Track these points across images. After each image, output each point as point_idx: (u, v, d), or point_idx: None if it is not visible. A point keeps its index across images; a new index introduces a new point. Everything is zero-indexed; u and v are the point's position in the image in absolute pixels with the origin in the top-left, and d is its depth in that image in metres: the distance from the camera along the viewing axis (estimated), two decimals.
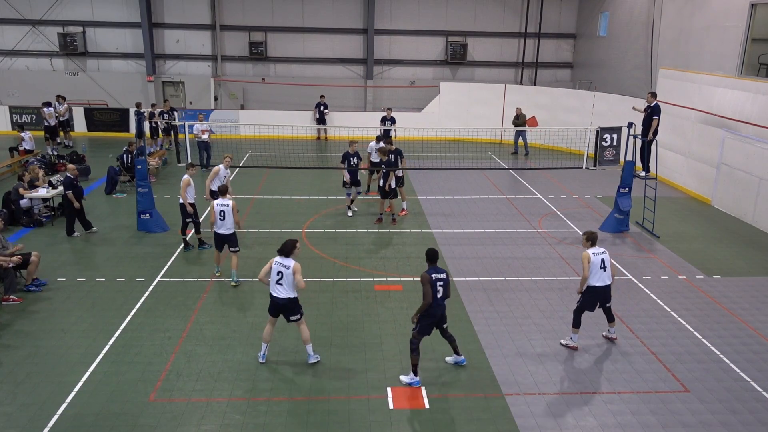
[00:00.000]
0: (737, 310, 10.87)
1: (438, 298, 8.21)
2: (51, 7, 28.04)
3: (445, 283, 8.26)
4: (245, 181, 18.93)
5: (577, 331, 9.41)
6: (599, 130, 14.80)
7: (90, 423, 7.52)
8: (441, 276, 8.23)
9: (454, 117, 26.06)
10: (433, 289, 8.15)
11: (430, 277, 8.15)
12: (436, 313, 8.28)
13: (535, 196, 17.93)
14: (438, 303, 8.23)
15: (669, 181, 19.34)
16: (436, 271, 8.25)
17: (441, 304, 8.29)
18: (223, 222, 11.20)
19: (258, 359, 8.89)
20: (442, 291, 8.24)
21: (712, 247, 13.99)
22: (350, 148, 15.26)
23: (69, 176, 13.85)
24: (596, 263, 9.09)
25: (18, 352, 9.04)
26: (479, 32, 30.02)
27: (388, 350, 9.29)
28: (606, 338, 9.74)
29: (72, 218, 13.90)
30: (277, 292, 8.53)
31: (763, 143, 15.31)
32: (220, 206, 11.20)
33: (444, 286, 8.25)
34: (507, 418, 7.78)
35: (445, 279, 8.27)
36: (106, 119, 26.78)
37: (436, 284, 8.17)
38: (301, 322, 8.76)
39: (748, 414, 7.93)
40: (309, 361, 8.86)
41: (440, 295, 8.22)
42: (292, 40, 29.55)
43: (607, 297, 9.27)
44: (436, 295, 8.17)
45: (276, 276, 8.53)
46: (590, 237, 9.30)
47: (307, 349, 8.87)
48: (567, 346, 9.45)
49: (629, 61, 25.06)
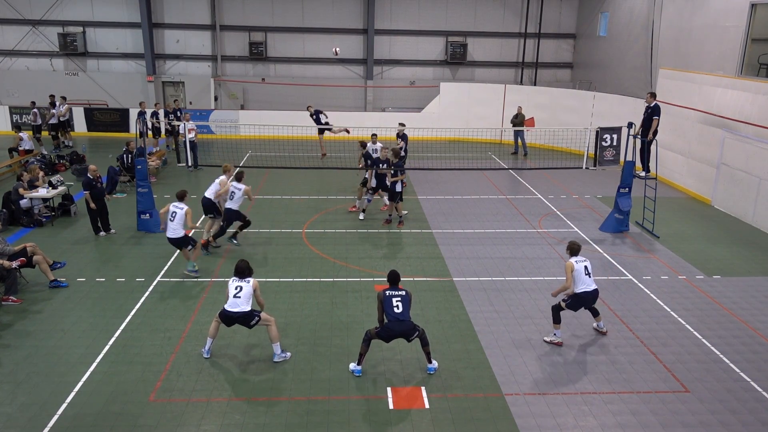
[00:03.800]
0: (737, 310, 10.87)
1: (397, 313, 8.22)
2: (51, 7, 28.05)
3: (404, 300, 8.27)
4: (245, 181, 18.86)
5: (558, 326, 9.60)
6: (599, 130, 14.80)
7: (90, 423, 7.52)
8: (398, 293, 8.28)
9: (454, 117, 26.06)
10: (386, 304, 8.24)
11: (384, 293, 8.27)
12: (394, 328, 8.28)
13: (535, 196, 17.93)
14: (396, 318, 8.23)
15: (669, 181, 19.34)
16: (394, 290, 8.35)
17: (401, 320, 8.24)
18: (172, 224, 11.37)
19: (203, 354, 8.92)
20: (401, 306, 8.25)
21: (712, 247, 13.99)
22: (380, 154, 15.29)
23: (89, 177, 13.90)
24: (580, 270, 9.33)
25: (18, 352, 9.04)
26: (479, 32, 30.03)
27: (388, 350, 9.29)
28: (597, 331, 9.95)
29: (94, 218, 14.00)
30: (233, 306, 8.60)
31: (763, 143, 15.31)
32: (174, 207, 11.45)
33: (402, 302, 8.26)
34: (507, 418, 7.78)
35: (404, 296, 8.29)
36: (106, 119, 26.79)
37: (392, 299, 8.24)
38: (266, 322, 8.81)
39: (748, 414, 7.93)
40: (274, 359, 8.91)
41: (398, 310, 8.23)
42: (292, 40, 29.56)
43: (594, 300, 9.54)
44: (393, 309, 8.21)
45: (234, 290, 8.64)
46: (572, 249, 9.57)
47: (274, 348, 8.93)
48: (552, 342, 9.58)
49: (629, 61, 25.06)
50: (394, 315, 8.25)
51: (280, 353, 8.93)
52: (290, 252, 13.24)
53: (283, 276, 11.95)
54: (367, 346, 8.50)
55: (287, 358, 8.99)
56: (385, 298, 8.30)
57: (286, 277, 11.93)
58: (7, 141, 22.32)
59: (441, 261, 12.79)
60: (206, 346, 8.98)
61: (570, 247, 9.60)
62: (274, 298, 10.99)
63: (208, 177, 19.35)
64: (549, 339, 9.63)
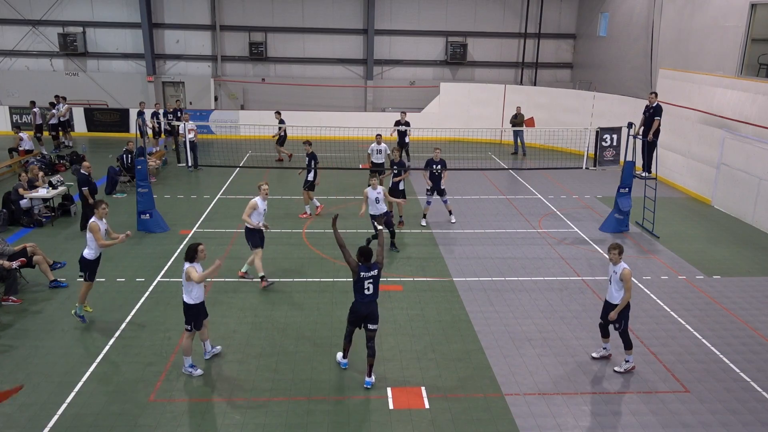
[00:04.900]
0: (737, 310, 10.87)
1: (366, 295, 8.25)
2: (51, 8, 28.04)
3: (375, 280, 8.26)
4: (245, 181, 18.93)
5: (630, 352, 8.82)
6: (599, 130, 14.80)
7: (90, 423, 7.52)
8: (371, 273, 8.23)
9: (454, 117, 26.06)
10: (361, 284, 8.20)
11: (359, 273, 8.18)
12: (360, 310, 8.31)
13: (535, 196, 17.93)
14: (364, 299, 8.27)
15: (669, 181, 19.34)
16: (367, 269, 8.24)
17: (369, 302, 8.28)
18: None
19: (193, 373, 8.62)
20: (372, 288, 8.26)
21: (712, 247, 13.99)
22: (434, 155, 14.85)
23: (84, 173, 13.90)
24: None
25: (18, 352, 9.04)
26: (479, 32, 30.02)
27: (387, 350, 9.29)
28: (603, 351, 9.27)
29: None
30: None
31: (763, 143, 15.31)
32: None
33: (374, 283, 8.26)
34: (507, 418, 7.77)
35: (376, 276, 8.25)
36: (106, 119, 26.78)
37: (365, 281, 8.19)
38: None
39: (748, 414, 7.93)
40: (205, 356, 8.96)
41: (369, 292, 8.25)
42: (292, 41, 29.55)
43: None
44: (363, 291, 8.22)
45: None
46: (621, 251, 8.71)
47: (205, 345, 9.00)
48: (628, 371, 8.84)
49: (629, 62, 25.06)
50: (364, 296, 8.26)
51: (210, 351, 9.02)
52: (290, 252, 13.24)
53: (283, 276, 11.95)
54: (349, 341, 8.62)
55: (218, 352, 9.09)
56: (359, 279, 8.19)
57: (286, 277, 11.92)
58: (7, 141, 22.33)
59: (441, 261, 12.79)
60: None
61: (621, 249, 8.64)
62: (274, 299, 10.99)
63: (208, 177, 19.40)
64: (623, 368, 8.80)
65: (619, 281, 8.49)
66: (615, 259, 8.59)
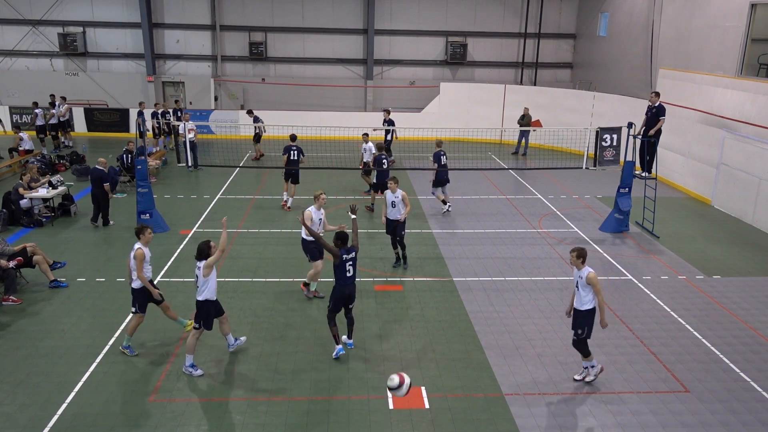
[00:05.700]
0: (737, 310, 10.87)
1: (347, 277, 8.72)
2: (51, 8, 28.04)
3: (354, 262, 8.78)
4: (245, 181, 18.93)
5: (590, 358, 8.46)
6: (599, 130, 14.80)
7: (90, 423, 7.52)
8: (351, 256, 8.71)
9: (454, 117, 26.05)
10: (342, 267, 8.63)
11: (341, 257, 8.59)
12: (344, 292, 8.79)
13: (535, 196, 17.93)
14: (347, 282, 8.74)
15: (669, 181, 19.34)
16: (347, 251, 8.70)
17: (351, 284, 8.80)
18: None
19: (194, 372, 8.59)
20: (352, 270, 8.73)
21: (712, 248, 13.99)
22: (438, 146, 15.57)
23: (101, 169, 14.28)
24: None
25: (18, 352, 9.04)
26: (479, 32, 30.02)
27: (388, 350, 9.29)
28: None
29: (106, 209, 14.44)
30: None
31: (763, 143, 15.31)
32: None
33: (353, 265, 8.76)
34: (507, 418, 7.77)
35: (354, 258, 8.77)
36: (106, 119, 26.79)
37: (346, 264, 8.65)
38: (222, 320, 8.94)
39: (748, 414, 7.93)
40: (229, 348, 9.17)
41: (350, 274, 8.73)
42: (292, 41, 29.55)
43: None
44: (345, 274, 8.67)
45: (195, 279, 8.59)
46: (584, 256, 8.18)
47: (228, 339, 9.16)
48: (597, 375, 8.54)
49: (629, 62, 25.06)
50: (346, 279, 8.72)
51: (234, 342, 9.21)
52: (290, 252, 13.23)
53: (283, 276, 11.95)
54: (335, 326, 8.91)
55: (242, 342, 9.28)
56: (341, 262, 8.62)
57: (286, 277, 11.92)
58: (7, 141, 22.33)
59: (441, 261, 12.80)
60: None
61: (582, 253, 8.12)
62: (274, 299, 10.99)
63: (208, 177, 19.40)
64: (593, 375, 8.44)
65: (586, 286, 8.02)
66: (576, 264, 8.08)
